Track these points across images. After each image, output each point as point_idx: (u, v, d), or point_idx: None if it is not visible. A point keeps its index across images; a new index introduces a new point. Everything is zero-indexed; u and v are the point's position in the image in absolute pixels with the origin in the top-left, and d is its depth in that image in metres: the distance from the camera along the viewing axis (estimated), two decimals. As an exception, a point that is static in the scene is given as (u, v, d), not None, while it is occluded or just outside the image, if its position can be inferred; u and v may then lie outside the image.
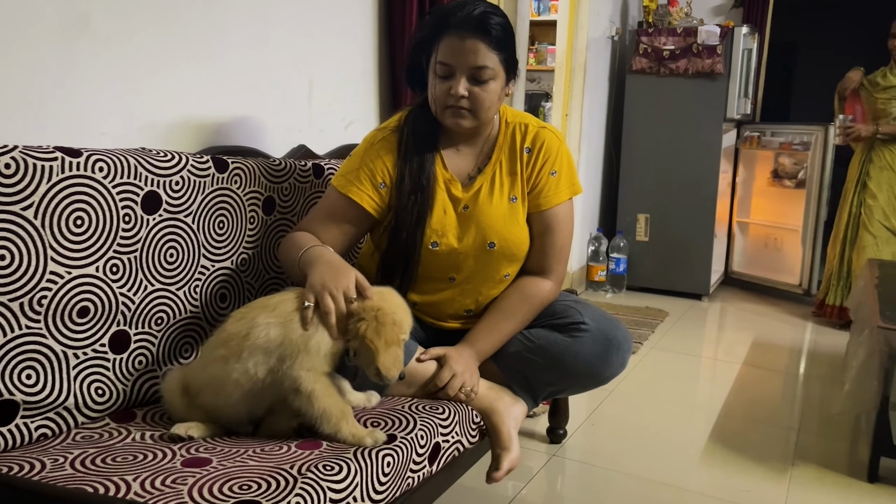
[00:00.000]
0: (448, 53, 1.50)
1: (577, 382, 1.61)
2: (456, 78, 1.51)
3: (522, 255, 1.64)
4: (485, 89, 1.51)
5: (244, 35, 1.84)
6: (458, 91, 1.50)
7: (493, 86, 1.52)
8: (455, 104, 1.52)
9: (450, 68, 1.51)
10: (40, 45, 1.38)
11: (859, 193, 3.64)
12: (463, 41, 1.48)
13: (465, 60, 1.49)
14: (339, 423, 1.26)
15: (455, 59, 1.50)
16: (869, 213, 3.59)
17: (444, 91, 1.53)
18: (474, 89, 1.51)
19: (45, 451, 1.17)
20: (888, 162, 3.55)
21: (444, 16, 1.51)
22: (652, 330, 3.50)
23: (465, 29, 1.48)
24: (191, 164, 1.49)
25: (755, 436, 2.36)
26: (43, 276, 1.22)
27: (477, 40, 1.48)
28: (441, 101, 1.54)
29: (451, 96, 1.51)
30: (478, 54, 1.48)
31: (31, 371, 1.22)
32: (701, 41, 3.97)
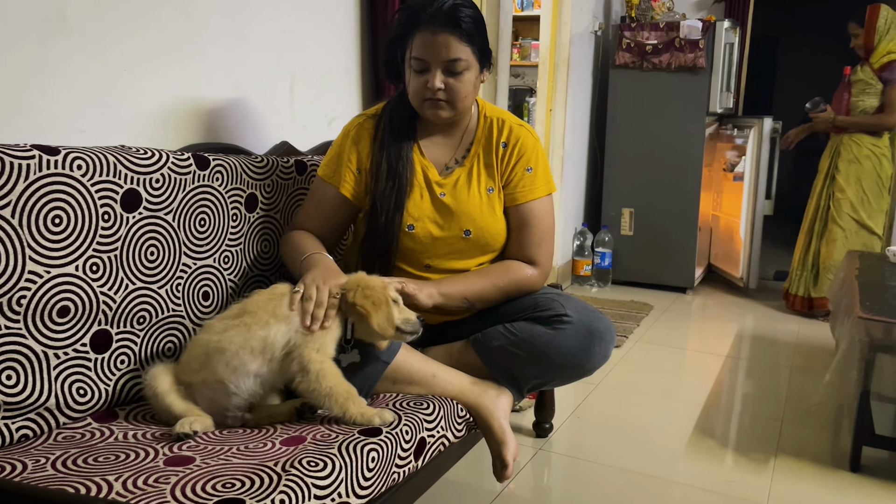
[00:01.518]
0: (422, 49, 1.55)
1: (561, 374, 1.62)
2: (431, 72, 1.55)
3: (498, 245, 1.67)
4: (460, 80, 1.56)
5: (223, 31, 1.83)
6: (434, 84, 1.55)
7: (467, 76, 1.57)
8: (432, 97, 1.57)
9: (424, 63, 1.56)
10: (14, 43, 1.37)
11: (828, 186, 3.69)
12: (435, 36, 1.53)
13: (438, 54, 1.54)
14: (346, 402, 1.30)
15: (429, 54, 1.54)
16: (838, 206, 3.63)
17: (421, 85, 1.57)
18: (450, 81, 1.56)
19: (27, 452, 1.16)
20: (855, 155, 3.59)
21: (416, 12, 1.56)
22: (637, 323, 3.52)
23: (436, 24, 1.53)
24: (171, 161, 1.48)
25: (739, 427, 2.38)
26: (21, 276, 1.21)
27: (448, 34, 1.53)
28: (419, 94, 1.59)
29: (427, 90, 1.57)
30: (450, 48, 1.53)
31: (10, 371, 1.20)
32: (683, 36, 3.98)
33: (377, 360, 1.48)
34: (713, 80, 4.01)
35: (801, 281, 3.78)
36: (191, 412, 1.29)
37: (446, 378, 1.54)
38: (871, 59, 3.54)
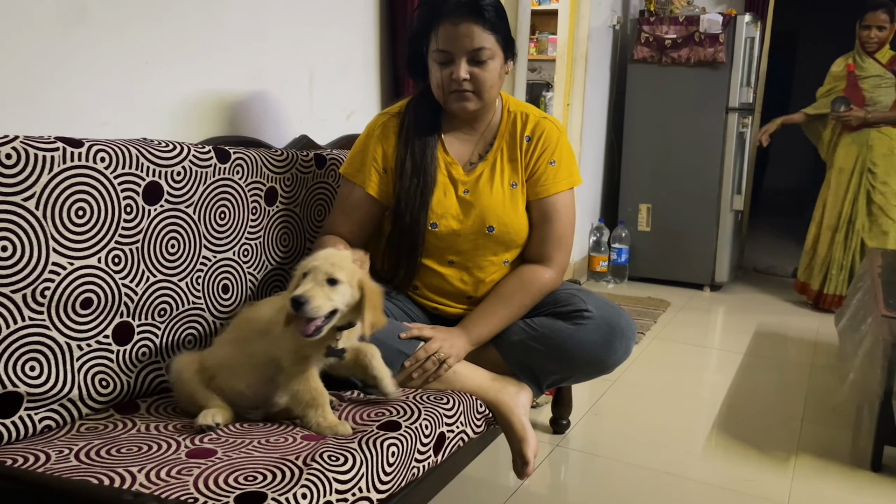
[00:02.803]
0: (445, 40, 1.54)
1: (581, 370, 1.61)
2: (456, 63, 1.54)
3: (521, 241, 1.65)
4: (485, 69, 1.55)
5: (243, 23, 1.83)
6: (459, 75, 1.54)
7: (492, 65, 1.56)
8: (459, 88, 1.56)
9: (448, 55, 1.55)
10: (37, 35, 1.37)
11: (865, 180, 3.62)
12: (457, 26, 1.52)
13: (462, 45, 1.53)
14: (306, 409, 1.29)
15: (452, 45, 1.53)
16: (884, 199, 3.58)
17: (447, 77, 1.56)
18: (475, 71, 1.55)
19: (50, 443, 1.17)
20: (890, 148, 3.55)
21: (437, 5, 1.56)
22: (654, 320, 3.50)
23: (458, 14, 1.52)
24: (192, 154, 1.48)
25: (758, 425, 2.35)
26: (45, 268, 1.22)
27: (471, 23, 1.52)
28: (445, 86, 1.58)
29: (453, 81, 1.55)
30: (473, 37, 1.52)
31: (34, 363, 1.21)
32: (703, 30, 3.95)
33: (398, 353, 1.48)
34: (733, 74, 3.96)
35: (839, 280, 3.71)
36: (213, 403, 1.30)
37: (465, 373, 1.53)
38: (878, 54, 3.50)
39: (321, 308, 1.23)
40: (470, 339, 1.57)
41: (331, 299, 1.24)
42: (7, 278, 1.16)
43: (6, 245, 1.16)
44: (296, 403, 1.30)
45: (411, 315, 1.67)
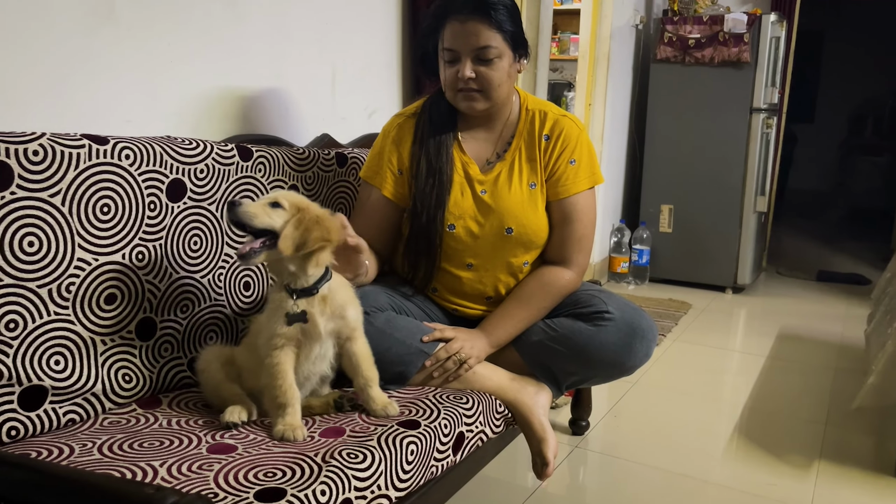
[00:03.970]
0: (451, 38, 1.54)
1: (602, 372, 1.60)
2: (462, 61, 1.54)
3: (541, 242, 1.64)
4: (491, 68, 1.54)
5: (266, 22, 1.84)
6: (464, 73, 1.53)
7: (499, 64, 1.54)
8: (465, 87, 1.55)
9: (455, 53, 1.54)
10: (65, 34, 1.39)
11: None
12: (464, 25, 1.52)
13: (467, 43, 1.52)
14: (269, 404, 1.27)
15: (458, 43, 1.53)
16: None
17: (453, 75, 1.56)
18: (480, 69, 1.54)
19: (74, 436, 1.18)
20: None
21: (446, 3, 1.55)
22: (675, 322, 3.47)
23: (465, 13, 1.52)
24: (215, 152, 1.50)
25: (780, 429, 2.33)
26: (71, 263, 1.23)
27: (477, 22, 1.51)
28: (451, 85, 1.58)
29: (459, 79, 1.55)
30: (479, 35, 1.51)
31: (59, 357, 1.23)
32: (728, 29, 3.90)
33: (418, 352, 1.48)
34: (758, 74, 3.92)
35: None
36: (239, 399, 1.31)
37: (485, 373, 1.53)
38: None
39: (256, 216, 1.20)
40: (490, 340, 1.57)
41: (269, 216, 1.21)
42: (33, 273, 1.18)
43: (33, 241, 1.17)
44: (265, 397, 1.28)
45: (431, 315, 1.67)
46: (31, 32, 1.33)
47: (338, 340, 1.35)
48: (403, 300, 1.63)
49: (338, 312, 1.32)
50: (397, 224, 1.69)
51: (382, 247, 1.69)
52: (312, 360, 1.32)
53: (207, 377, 1.36)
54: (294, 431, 1.22)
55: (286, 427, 1.23)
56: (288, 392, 1.26)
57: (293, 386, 1.27)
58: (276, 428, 1.23)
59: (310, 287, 1.28)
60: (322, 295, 1.29)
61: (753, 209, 4.08)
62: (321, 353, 1.33)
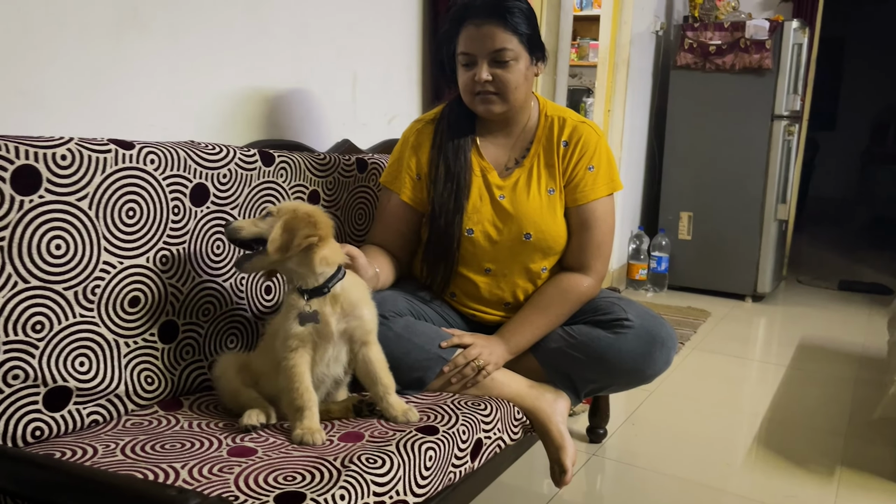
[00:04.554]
0: (467, 42, 1.55)
1: (620, 380, 1.60)
2: (478, 64, 1.55)
3: (559, 248, 1.64)
4: (508, 70, 1.54)
5: (289, 29, 1.86)
6: (481, 76, 1.54)
7: (515, 67, 1.55)
8: (482, 90, 1.56)
9: (471, 57, 1.55)
10: (93, 40, 1.41)
11: None
12: (479, 28, 1.53)
13: (483, 46, 1.53)
14: (287, 408, 1.28)
15: (474, 47, 1.54)
16: None
17: (470, 79, 1.57)
18: (497, 72, 1.54)
19: (97, 437, 1.20)
20: None
21: (462, 8, 1.57)
22: (694, 330, 3.45)
23: (480, 16, 1.53)
24: (238, 157, 1.51)
25: (800, 439, 2.30)
26: (97, 266, 1.25)
27: (492, 25, 1.52)
28: (468, 89, 1.59)
29: (476, 83, 1.56)
30: (495, 38, 1.52)
31: (83, 359, 1.24)
32: (749, 36, 3.88)
33: (437, 358, 1.48)
34: (779, 81, 3.89)
35: None
36: (256, 402, 1.31)
37: (503, 380, 1.53)
38: None
39: (242, 228, 1.28)
40: (508, 347, 1.57)
41: (256, 226, 1.27)
42: (60, 276, 1.20)
43: (60, 244, 1.19)
44: (283, 401, 1.29)
45: (449, 321, 1.68)
46: (60, 39, 1.35)
47: (352, 345, 1.35)
48: (422, 305, 1.64)
49: (350, 311, 1.32)
50: (416, 229, 1.70)
51: (401, 252, 1.69)
52: (326, 362, 1.33)
53: (224, 384, 1.37)
54: (313, 435, 1.23)
55: (305, 431, 1.23)
56: (305, 395, 1.26)
57: (310, 389, 1.27)
58: (294, 432, 1.24)
59: (320, 286, 1.29)
60: (334, 294, 1.30)
61: (774, 217, 4.04)
62: (334, 355, 1.33)
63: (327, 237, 1.29)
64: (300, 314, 1.28)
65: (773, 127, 3.95)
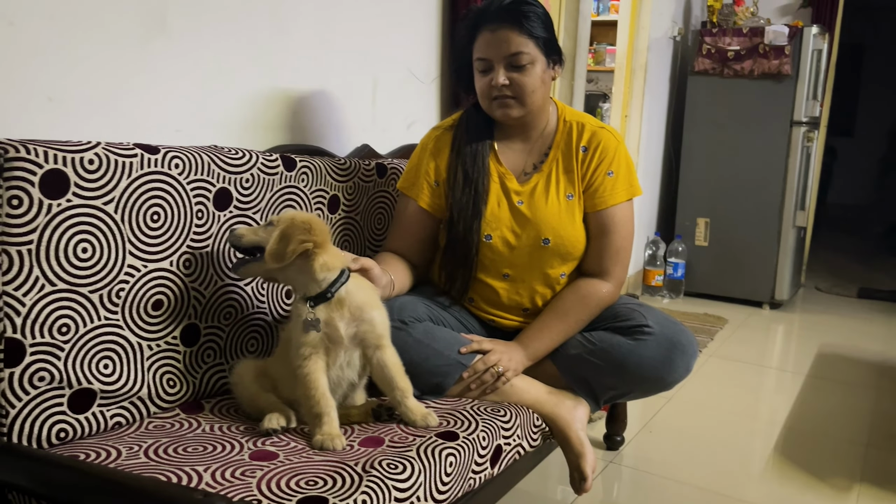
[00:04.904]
0: (483, 47, 1.55)
1: (640, 387, 1.59)
2: (495, 69, 1.55)
3: (578, 254, 1.63)
4: (525, 74, 1.54)
5: (311, 35, 1.87)
6: (498, 81, 1.54)
7: (532, 70, 1.55)
8: (499, 94, 1.56)
9: (487, 62, 1.55)
10: (120, 46, 1.43)
11: None
12: (495, 33, 1.53)
13: (499, 50, 1.53)
14: (307, 415, 1.28)
15: (490, 52, 1.54)
16: None
17: (487, 84, 1.57)
18: (514, 76, 1.54)
19: (120, 439, 1.21)
20: None
21: (477, 14, 1.57)
22: (711, 337, 3.43)
23: (495, 21, 1.53)
24: (261, 161, 1.52)
25: (819, 449, 2.28)
26: (121, 270, 1.26)
27: (507, 29, 1.52)
28: (486, 94, 1.59)
29: (493, 87, 1.56)
30: (510, 42, 1.52)
31: (108, 361, 1.25)
32: (768, 41, 3.86)
33: (456, 364, 1.49)
34: (799, 87, 3.86)
35: None
36: (276, 406, 1.32)
37: (522, 386, 1.53)
38: None
39: (243, 236, 1.31)
40: (527, 353, 1.57)
41: (256, 234, 1.30)
42: (86, 279, 1.21)
43: (86, 247, 1.20)
44: (302, 408, 1.29)
45: (468, 326, 1.68)
46: (88, 45, 1.37)
47: (366, 350, 1.34)
48: (441, 311, 1.64)
49: (358, 315, 1.31)
50: (434, 235, 1.70)
51: (419, 258, 1.70)
52: (339, 366, 1.33)
53: (242, 390, 1.38)
54: (333, 441, 1.23)
55: (325, 437, 1.24)
56: (322, 401, 1.26)
57: (327, 395, 1.27)
58: (314, 438, 1.24)
59: (323, 292, 1.29)
60: (339, 298, 1.30)
61: (793, 224, 4.02)
62: (347, 359, 1.33)
63: (323, 243, 1.29)
64: (304, 321, 1.29)
65: (792, 133, 3.93)
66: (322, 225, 1.31)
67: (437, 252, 1.71)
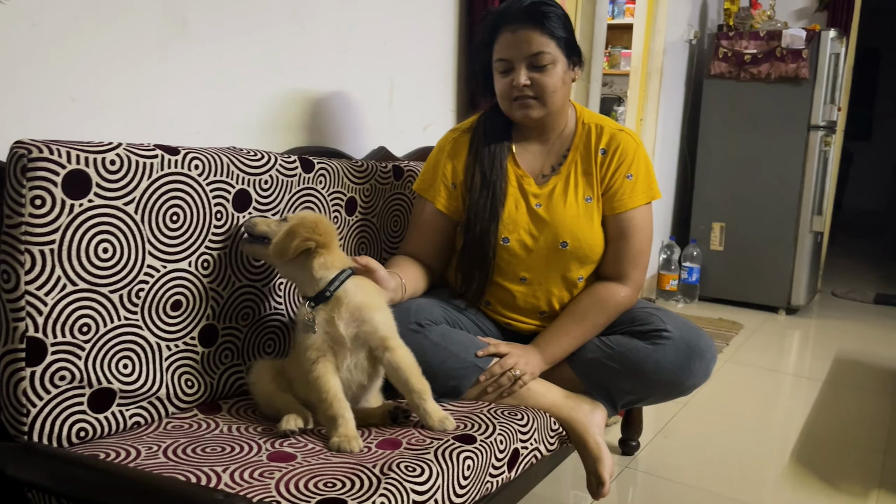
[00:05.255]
0: (504, 48, 1.55)
1: (658, 391, 1.58)
2: (516, 69, 1.54)
3: (596, 257, 1.62)
4: (546, 74, 1.54)
5: (329, 38, 1.87)
6: (519, 81, 1.54)
7: (553, 70, 1.54)
8: (520, 94, 1.55)
9: (508, 63, 1.55)
10: (141, 48, 1.44)
11: None
12: (515, 33, 1.53)
13: (520, 51, 1.53)
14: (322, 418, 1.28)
15: (511, 52, 1.54)
16: None
17: (507, 84, 1.56)
18: (535, 76, 1.54)
19: (139, 439, 1.21)
20: None
21: (496, 15, 1.57)
22: (726, 342, 3.40)
23: (516, 22, 1.53)
24: (279, 163, 1.52)
25: (836, 457, 2.26)
26: (141, 270, 1.27)
27: (528, 30, 1.52)
28: (506, 94, 1.58)
29: (514, 88, 1.55)
30: (532, 42, 1.52)
31: (127, 361, 1.26)
32: (785, 45, 3.83)
33: (473, 367, 1.48)
34: (816, 91, 3.84)
35: None
36: (292, 407, 1.32)
37: (539, 390, 1.52)
38: None
39: (257, 224, 1.37)
40: (544, 357, 1.56)
41: (268, 226, 1.36)
42: (106, 279, 1.21)
43: (107, 247, 1.21)
44: (318, 411, 1.29)
45: (484, 330, 1.67)
46: (110, 47, 1.38)
47: (373, 351, 1.33)
48: (457, 313, 1.64)
49: (357, 316, 1.30)
50: (451, 237, 1.69)
51: (435, 261, 1.69)
52: (346, 369, 1.32)
53: (259, 389, 1.38)
54: (350, 443, 1.23)
55: (341, 439, 1.23)
56: (335, 404, 1.26)
57: (339, 397, 1.27)
58: (331, 440, 1.24)
59: (322, 291, 1.30)
60: (338, 298, 1.30)
61: (809, 229, 3.98)
62: (353, 361, 1.32)
63: (328, 244, 1.31)
64: (301, 322, 1.31)
65: (810, 137, 3.90)
66: (329, 226, 1.33)
67: (454, 255, 1.71)
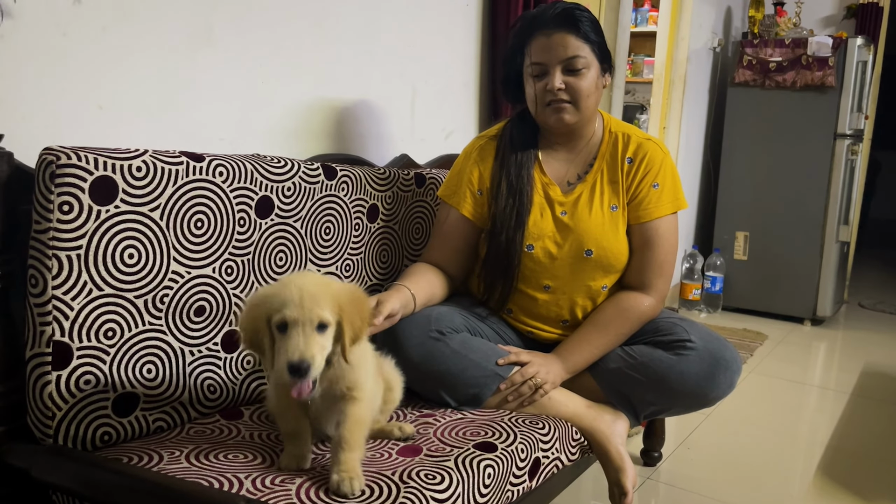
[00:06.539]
0: (539, 52, 1.54)
1: (682, 403, 1.56)
2: (551, 73, 1.54)
3: (620, 266, 1.61)
4: (580, 78, 1.53)
5: (352, 46, 1.88)
6: (554, 85, 1.53)
7: (588, 74, 1.54)
8: (554, 98, 1.55)
9: (543, 67, 1.54)
10: (168, 56, 1.46)
11: None
12: (550, 37, 1.52)
13: (556, 55, 1.52)
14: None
15: (546, 56, 1.53)
16: None
17: (542, 89, 1.56)
18: (570, 80, 1.54)
19: (162, 444, 1.22)
20: None
21: (530, 20, 1.57)
22: (750, 353, 3.36)
23: (551, 26, 1.52)
24: (302, 170, 1.53)
25: (865, 471, 2.21)
26: (166, 276, 1.28)
27: (564, 34, 1.52)
28: (540, 99, 1.57)
29: (548, 92, 1.54)
30: (567, 46, 1.52)
31: (151, 366, 1.27)
32: (811, 52, 3.79)
33: (493, 376, 1.47)
34: (843, 99, 3.79)
35: None
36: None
37: (561, 400, 1.51)
38: None
39: (321, 366, 1.07)
40: (566, 366, 1.55)
41: (324, 348, 1.07)
42: (132, 284, 1.23)
43: (133, 253, 1.22)
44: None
45: (505, 338, 1.66)
46: (137, 55, 1.40)
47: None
48: (478, 322, 1.63)
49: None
50: (474, 245, 1.69)
51: (457, 269, 1.69)
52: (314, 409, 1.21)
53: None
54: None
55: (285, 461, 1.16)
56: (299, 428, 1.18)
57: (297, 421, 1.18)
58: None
59: None
60: None
61: (836, 239, 3.93)
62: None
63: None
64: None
65: (836, 146, 3.85)
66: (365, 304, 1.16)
67: (476, 263, 1.70)
